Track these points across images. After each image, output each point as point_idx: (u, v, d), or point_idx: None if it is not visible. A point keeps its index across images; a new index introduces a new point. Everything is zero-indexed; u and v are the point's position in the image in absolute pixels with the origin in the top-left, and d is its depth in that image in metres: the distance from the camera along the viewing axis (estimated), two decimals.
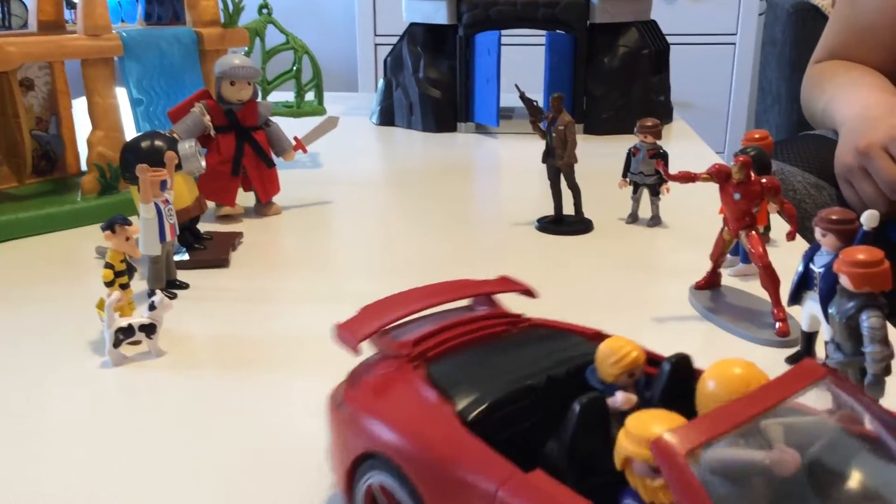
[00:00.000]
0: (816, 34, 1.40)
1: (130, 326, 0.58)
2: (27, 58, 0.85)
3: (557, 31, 1.34)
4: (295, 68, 1.17)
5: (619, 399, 0.39)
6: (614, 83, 1.33)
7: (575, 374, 0.40)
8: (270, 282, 0.76)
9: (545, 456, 0.36)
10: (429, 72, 1.37)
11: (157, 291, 0.61)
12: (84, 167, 0.97)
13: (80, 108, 1.00)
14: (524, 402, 0.38)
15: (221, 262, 0.77)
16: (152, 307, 0.59)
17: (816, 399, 0.33)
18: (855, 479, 0.32)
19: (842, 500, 0.31)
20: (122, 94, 0.95)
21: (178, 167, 0.75)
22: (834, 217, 0.52)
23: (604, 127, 1.33)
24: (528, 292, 0.47)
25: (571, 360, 0.41)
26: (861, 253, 0.47)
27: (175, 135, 0.83)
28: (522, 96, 0.86)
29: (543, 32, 1.36)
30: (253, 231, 0.87)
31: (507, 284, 0.47)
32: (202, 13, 1.02)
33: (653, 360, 0.41)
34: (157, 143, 0.75)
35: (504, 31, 1.30)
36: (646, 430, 0.30)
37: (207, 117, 0.87)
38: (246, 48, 1.13)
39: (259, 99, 0.92)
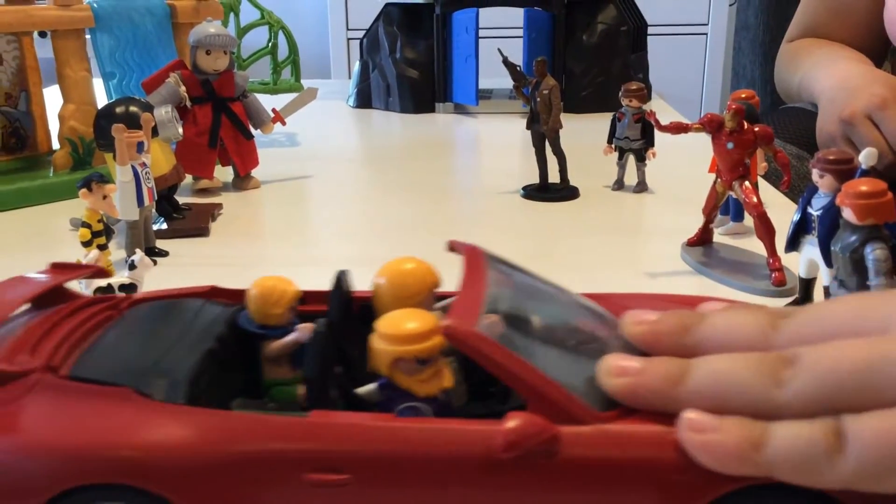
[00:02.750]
0: (789, 18, 1.40)
1: (110, 286, 0.55)
2: None
3: (535, 7, 1.32)
4: (270, 44, 1.15)
5: (301, 333, 0.38)
6: (593, 60, 1.32)
7: (234, 327, 0.39)
8: (252, 249, 0.74)
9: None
10: (406, 52, 1.36)
11: (138, 251, 0.58)
12: (56, 145, 0.94)
13: (50, 96, 0.97)
14: (212, 367, 0.35)
15: (201, 231, 0.75)
16: (132, 266, 0.56)
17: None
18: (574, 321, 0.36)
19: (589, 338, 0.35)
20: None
21: (155, 133, 0.73)
22: (831, 157, 0.51)
23: (584, 105, 1.31)
24: (100, 272, 0.44)
25: (221, 316, 0.39)
26: (864, 184, 0.46)
27: None
28: (505, 61, 0.84)
29: (521, 25, 1.35)
30: (232, 203, 0.85)
31: (69, 271, 0.42)
32: None
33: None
34: (133, 108, 0.72)
35: (481, 20, 1.28)
36: (405, 328, 0.32)
37: (183, 87, 0.85)
38: (220, 21, 1.11)
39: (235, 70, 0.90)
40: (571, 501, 0.31)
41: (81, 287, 0.56)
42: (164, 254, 0.69)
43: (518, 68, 0.84)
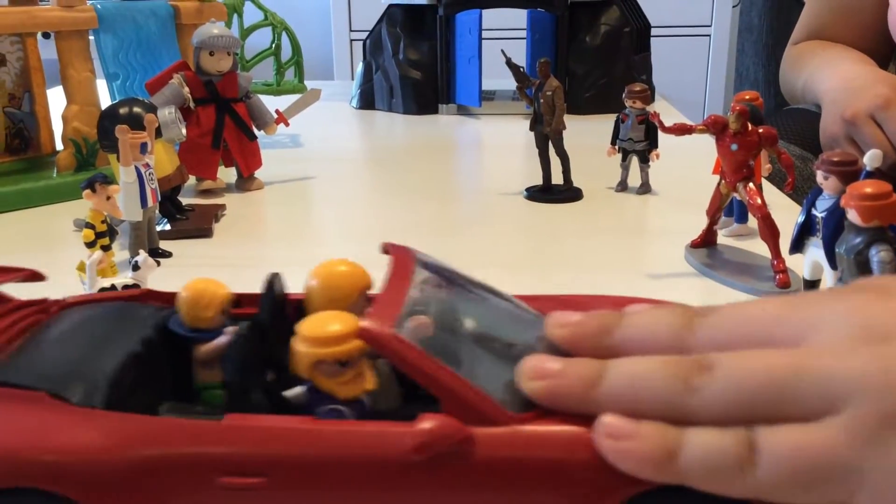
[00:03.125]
0: (793, 20, 1.40)
1: (113, 287, 0.56)
2: None
3: (538, 9, 1.33)
4: (274, 45, 1.15)
5: (231, 336, 0.38)
6: (596, 62, 1.32)
7: (164, 330, 0.38)
8: (255, 250, 0.74)
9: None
10: (409, 53, 1.36)
11: (141, 252, 0.58)
12: (59, 146, 0.95)
13: (54, 97, 0.97)
14: (135, 370, 0.35)
15: (204, 232, 0.75)
16: (136, 267, 0.56)
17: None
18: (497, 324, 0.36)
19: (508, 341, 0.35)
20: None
21: (159, 134, 0.73)
22: (836, 159, 0.51)
23: (586, 106, 1.31)
24: (35, 276, 0.43)
25: (151, 319, 0.38)
26: (868, 186, 0.46)
27: None
28: (508, 62, 0.84)
29: (524, 26, 1.35)
30: (235, 204, 0.85)
31: (4, 274, 0.42)
32: None
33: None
34: (136, 109, 0.73)
35: (484, 21, 1.29)
36: (325, 330, 0.32)
37: (186, 88, 0.85)
38: (223, 22, 1.11)
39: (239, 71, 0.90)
40: (486, 502, 0.31)
41: (85, 288, 0.56)
42: (167, 255, 0.69)
43: (521, 70, 0.84)
